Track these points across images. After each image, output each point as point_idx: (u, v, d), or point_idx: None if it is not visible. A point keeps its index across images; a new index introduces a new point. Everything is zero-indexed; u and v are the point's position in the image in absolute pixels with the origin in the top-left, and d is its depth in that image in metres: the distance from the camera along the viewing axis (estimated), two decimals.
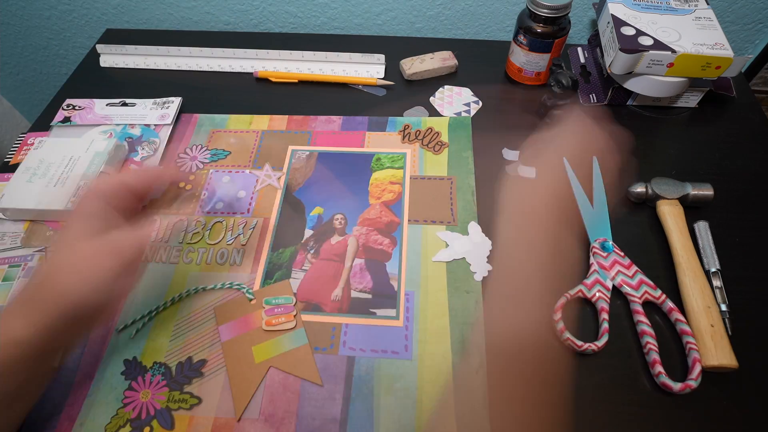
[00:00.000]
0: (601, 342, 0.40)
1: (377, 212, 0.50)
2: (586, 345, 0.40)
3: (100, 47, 0.68)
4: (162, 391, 0.40)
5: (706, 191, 0.48)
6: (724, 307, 0.42)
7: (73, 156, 0.52)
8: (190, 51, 0.67)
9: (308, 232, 0.49)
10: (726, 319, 0.41)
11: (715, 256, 0.45)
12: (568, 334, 0.41)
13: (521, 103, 0.61)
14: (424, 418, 0.38)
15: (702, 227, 0.47)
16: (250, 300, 0.44)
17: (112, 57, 0.68)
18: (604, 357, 0.41)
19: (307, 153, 0.56)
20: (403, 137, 0.57)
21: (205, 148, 0.57)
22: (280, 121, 0.60)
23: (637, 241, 0.47)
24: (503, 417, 0.36)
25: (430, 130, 0.57)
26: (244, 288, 0.45)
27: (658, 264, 0.46)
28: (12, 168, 0.54)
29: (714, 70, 0.52)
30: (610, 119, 0.58)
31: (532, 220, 0.40)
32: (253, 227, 0.50)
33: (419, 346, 0.42)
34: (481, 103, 0.61)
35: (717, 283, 0.43)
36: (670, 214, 0.47)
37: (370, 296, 0.45)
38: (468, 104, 0.61)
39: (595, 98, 0.60)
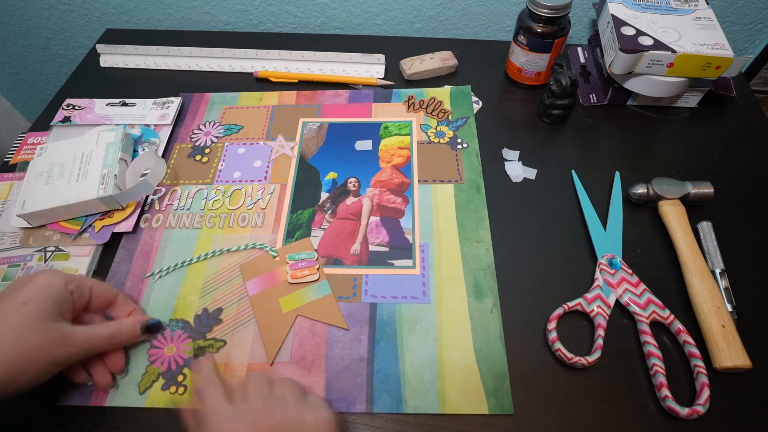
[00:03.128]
0: (593, 357, 0.39)
1: (388, 174, 0.53)
2: (577, 358, 0.39)
3: (100, 47, 0.68)
4: (186, 343, 0.42)
5: (707, 189, 0.48)
6: (730, 308, 0.42)
7: (84, 152, 0.51)
8: (190, 51, 0.67)
9: (324, 195, 0.52)
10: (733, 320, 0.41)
11: (719, 257, 0.45)
12: (559, 345, 0.40)
13: (521, 103, 0.61)
14: (445, 353, 0.41)
15: (706, 227, 0.47)
16: (274, 257, 0.47)
17: (112, 57, 0.68)
18: (609, 375, 0.40)
19: (318, 124, 0.58)
20: (408, 107, 0.60)
21: (218, 124, 0.59)
22: (289, 97, 0.62)
23: (641, 243, 0.47)
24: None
25: (433, 100, 0.60)
26: (267, 247, 0.48)
27: (663, 265, 0.46)
28: (11, 168, 0.54)
29: (714, 70, 0.52)
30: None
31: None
32: (272, 192, 0.52)
33: (436, 291, 0.45)
34: (481, 103, 0.61)
35: (724, 283, 0.43)
36: (673, 215, 0.47)
37: (387, 249, 0.48)
38: None
39: (595, 98, 0.60)
